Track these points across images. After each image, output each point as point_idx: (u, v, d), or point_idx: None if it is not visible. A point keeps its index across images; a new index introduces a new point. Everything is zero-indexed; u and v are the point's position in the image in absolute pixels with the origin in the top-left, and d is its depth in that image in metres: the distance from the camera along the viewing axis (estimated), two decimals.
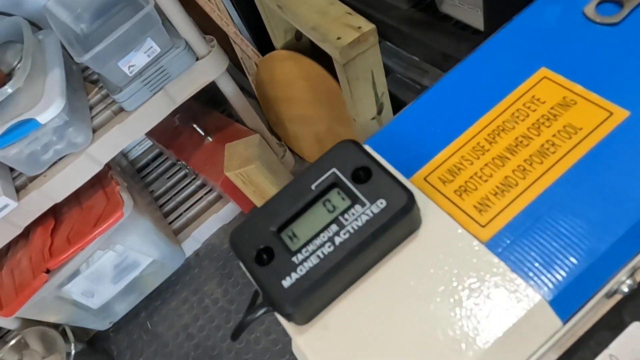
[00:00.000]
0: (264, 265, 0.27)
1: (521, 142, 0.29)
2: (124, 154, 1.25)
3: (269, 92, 1.04)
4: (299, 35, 0.94)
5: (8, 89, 0.70)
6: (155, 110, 0.83)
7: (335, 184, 0.28)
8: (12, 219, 0.79)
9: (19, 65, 0.78)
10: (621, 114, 0.27)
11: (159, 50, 0.78)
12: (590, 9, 0.31)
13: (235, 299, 1.01)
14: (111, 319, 1.02)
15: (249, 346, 0.94)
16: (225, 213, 1.09)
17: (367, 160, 0.28)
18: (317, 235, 0.27)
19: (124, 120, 0.81)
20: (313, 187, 0.28)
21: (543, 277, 0.25)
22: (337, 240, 0.27)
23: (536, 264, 0.25)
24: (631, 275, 0.27)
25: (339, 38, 0.66)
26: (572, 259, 0.25)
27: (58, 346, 0.90)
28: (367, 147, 0.33)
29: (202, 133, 1.04)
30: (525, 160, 0.28)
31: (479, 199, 0.28)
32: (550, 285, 0.24)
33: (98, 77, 0.85)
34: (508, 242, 0.26)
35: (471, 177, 0.29)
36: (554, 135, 0.28)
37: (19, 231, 0.81)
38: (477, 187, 0.29)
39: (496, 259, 0.26)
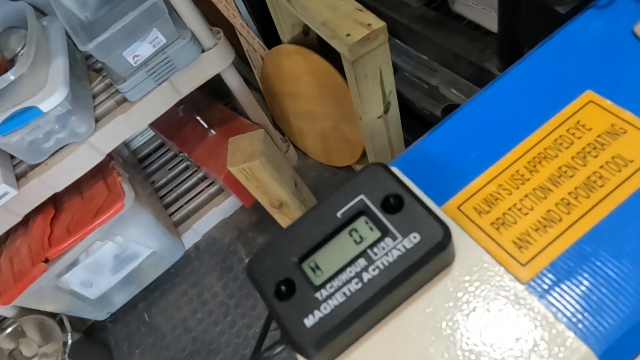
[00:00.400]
0: (283, 299, 0.26)
1: (565, 172, 0.27)
2: (125, 144, 1.24)
3: (275, 87, 1.03)
4: (306, 30, 0.93)
5: (10, 75, 0.69)
6: (159, 101, 0.82)
7: (363, 212, 0.26)
8: (12, 207, 0.78)
9: (22, 52, 0.76)
10: None
11: (164, 40, 0.76)
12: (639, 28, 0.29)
13: (235, 293, 1.00)
14: (109, 310, 1.02)
15: (247, 341, 0.94)
16: (226, 206, 1.08)
17: (399, 187, 0.26)
18: (343, 269, 0.25)
19: (127, 110, 0.80)
20: (339, 214, 0.27)
21: (591, 327, 0.23)
22: (366, 276, 0.25)
23: (582, 311, 0.23)
24: None
25: (348, 35, 0.65)
26: (624, 308, 0.23)
27: (55, 335, 0.90)
28: (395, 170, 0.30)
29: (206, 126, 1.03)
30: (570, 193, 0.26)
31: (518, 234, 0.26)
32: (599, 336, 0.22)
33: (102, 66, 0.83)
34: (551, 284, 0.24)
35: (510, 209, 0.27)
36: (601, 167, 0.26)
37: (18, 219, 0.80)
38: (517, 220, 0.27)
39: (538, 304, 0.24)
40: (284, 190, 0.86)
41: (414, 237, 0.25)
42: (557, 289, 0.24)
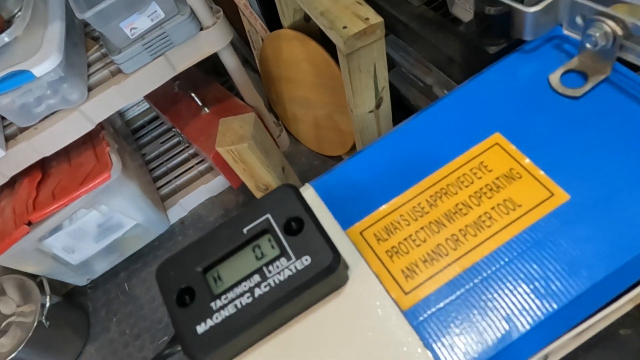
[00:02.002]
0: (184, 306, 0.27)
1: (460, 209, 0.28)
2: (120, 114, 1.24)
3: (272, 70, 1.03)
4: (307, 16, 0.92)
5: (5, 37, 0.68)
6: (153, 75, 0.82)
7: (267, 230, 0.28)
8: None
9: (19, 14, 0.76)
10: (562, 196, 0.27)
11: (163, 15, 0.76)
12: (555, 78, 0.30)
13: None
14: (89, 276, 1.03)
15: None
16: (214, 185, 1.09)
17: (302, 211, 0.27)
18: (239, 282, 0.26)
19: (121, 82, 0.80)
20: (245, 230, 0.28)
21: (455, 357, 0.24)
22: (257, 292, 0.26)
23: (450, 342, 0.24)
24: None
25: (345, 27, 0.65)
26: (489, 341, 0.24)
27: (34, 296, 0.91)
28: (311, 191, 0.31)
29: (200, 103, 1.03)
30: (460, 230, 0.27)
31: (408, 263, 0.27)
32: None
33: (99, 34, 0.83)
34: (428, 313, 0.25)
35: (405, 239, 0.28)
36: (492, 208, 0.28)
37: (4, 180, 0.81)
38: (409, 250, 0.28)
39: (411, 331, 0.25)
40: (270, 174, 0.86)
41: (306, 260, 0.26)
42: (431, 319, 0.25)
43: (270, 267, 0.26)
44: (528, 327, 0.24)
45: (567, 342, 0.25)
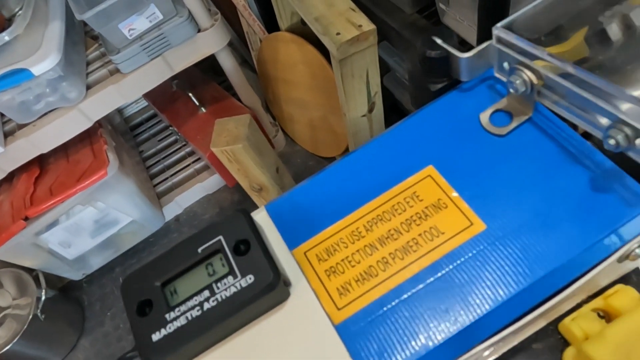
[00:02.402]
0: (143, 315, 0.29)
1: (392, 235, 0.31)
2: (118, 111, 1.25)
3: (270, 72, 1.04)
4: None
5: (5, 36, 0.70)
6: (151, 75, 0.83)
7: (219, 250, 0.30)
8: None
9: (20, 12, 0.77)
10: (479, 226, 0.29)
11: (161, 17, 0.77)
12: (485, 116, 0.32)
13: None
14: (85, 271, 1.05)
15: None
16: (210, 184, 1.10)
17: (250, 234, 0.30)
18: (191, 297, 0.29)
19: (119, 81, 0.81)
20: (200, 250, 0.31)
21: None
22: (206, 306, 0.29)
23: (373, 353, 0.27)
24: None
25: (338, 34, 0.67)
26: (407, 352, 0.27)
27: (29, 290, 0.93)
28: (264, 213, 0.34)
29: (197, 103, 1.05)
30: (390, 254, 0.30)
31: (343, 282, 0.30)
32: None
33: (98, 34, 0.84)
34: (356, 328, 0.28)
35: (342, 260, 0.31)
36: (419, 235, 0.30)
37: (2, 175, 0.82)
38: (345, 270, 0.30)
39: (340, 343, 0.28)
40: (264, 175, 0.88)
41: (250, 278, 0.29)
42: (360, 333, 0.28)
43: (219, 284, 0.29)
44: (442, 339, 0.26)
45: (481, 352, 0.28)
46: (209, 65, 1.17)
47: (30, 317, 0.88)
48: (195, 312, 0.29)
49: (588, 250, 0.28)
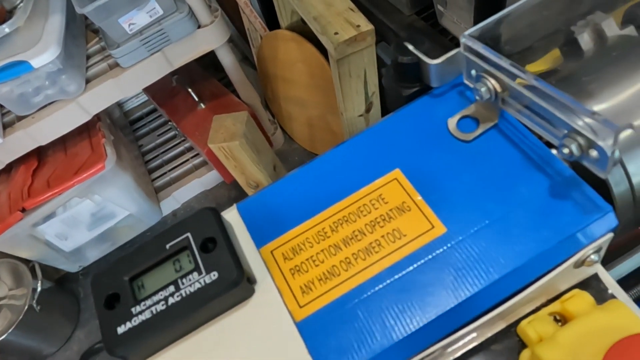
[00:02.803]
0: (110, 309, 0.30)
1: (356, 236, 0.31)
2: (119, 105, 1.26)
3: (269, 69, 1.04)
4: None
5: (6, 28, 0.70)
6: (150, 70, 0.84)
7: (186, 247, 0.31)
8: None
9: (21, 5, 0.78)
10: (440, 229, 0.30)
11: (161, 12, 0.78)
12: (452, 122, 0.33)
13: None
14: (81, 263, 1.05)
15: None
16: (208, 179, 1.11)
17: (217, 232, 0.31)
18: (157, 291, 0.29)
19: (118, 75, 0.82)
20: (168, 246, 0.31)
21: None
22: (170, 301, 0.29)
23: (331, 349, 0.28)
24: None
25: (336, 33, 0.67)
26: (364, 349, 0.27)
27: (26, 281, 0.93)
28: (234, 212, 0.35)
29: (196, 99, 1.05)
30: (353, 254, 0.31)
31: (306, 281, 0.31)
32: None
33: (99, 28, 0.85)
34: (316, 325, 0.29)
35: (307, 259, 0.32)
36: (382, 236, 0.31)
37: (0, 167, 0.83)
38: (309, 269, 0.31)
39: (300, 340, 0.29)
40: (261, 172, 0.88)
41: (214, 275, 0.29)
42: (318, 329, 0.29)
43: (184, 280, 0.29)
44: (399, 338, 0.27)
45: (441, 351, 0.29)
46: (210, 61, 1.17)
47: (26, 307, 0.89)
48: (160, 307, 0.30)
49: (543, 255, 0.28)
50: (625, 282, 0.37)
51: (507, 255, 0.29)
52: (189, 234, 0.31)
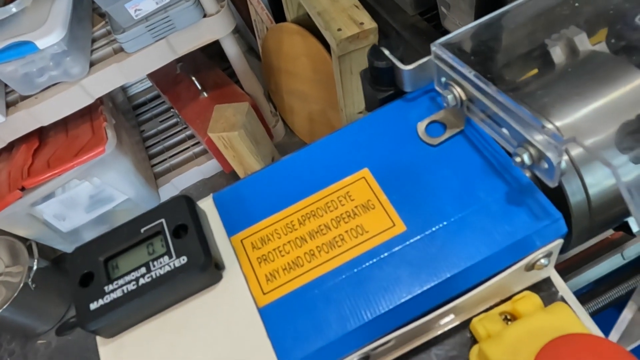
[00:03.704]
0: (84, 286, 0.31)
1: (322, 230, 0.33)
2: (123, 89, 1.26)
3: (273, 61, 1.05)
4: None
5: (12, 8, 0.71)
6: (154, 56, 0.84)
7: (160, 232, 0.32)
8: None
9: None
10: (400, 227, 0.32)
11: None
12: (421, 126, 0.35)
13: None
14: (78, 244, 1.06)
15: None
16: (207, 168, 1.11)
17: (189, 219, 0.32)
18: (129, 272, 0.31)
19: (122, 60, 0.82)
20: (142, 230, 0.33)
21: (288, 348, 0.29)
22: (141, 281, 0.31)
23: (289, 335, 0.30)
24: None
25: (339, 30, 0.67)
26: (320, 336, 0.30)
27: (22, 259, 0.94)
28: (210, 201, 0.37)
29: (199, 87, 1.05)
30: (317, 247, 0.32)
31: (271, 269, 0.32)
32: (289, 356, 0.29)
33: (105, 12, 0.85)
34: (277, 311, 0.31)
35: (274, 250, 0.33)
36: (346, 232, 0.33)
37: (2, 145, 0.84)
38: (275, 259, 0.33)
39: (261, 324, 0.31)
40: (259, 164, 0.89)
41: (183, 259, 0.31)
42: (278, 315, 0.31)
43: (155, 263, 0.31)
44: (354, 327, 0.29)
45: (395, 341, 0.31)
46: (215, 51, 1.17)
47: (21, 285, 0.90)
48: (131, 287, 0.31)
49: (494, 257, 0.30)
50: (597, 288, 0.38)
51: (460, 255, 0.30)
52: (163, 220, 0.33)
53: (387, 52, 0.35)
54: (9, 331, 1.02)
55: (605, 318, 0.36)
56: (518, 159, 0.28)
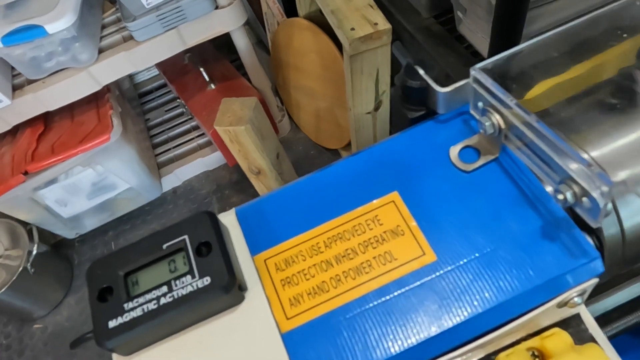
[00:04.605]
0: (103, 301, 0.31)
1: (349, 254, 0.32)
2: (129, 76, 1.25)
3: (282, 56, 1.04)
4: None
5: None
6: (163, 46, 0.84)
7: (182, 249, 0.32)
8: (3, 114, 0.81)
9: None
10: (431, 257, 0.31)
11: None
12: (454, 151, 0.34)
13: None
14: (79, 231, 1.06)
15: None
16: (211, 160, 1.11)
17: (213, 237, 0.31)
18: (150, 290, 0.30)
19: (131, 48, 0.82)
20: (165, 246, 0.32)
21: None
22: (162, 301, 0.30)
23: None
24: None
25: (352, 29, 0.67)
26: None
27: (22, 242, 0.94)
28: (232, 216, 0.35)
29: (207, 79, 1.05)
30: (343, 272, 0.31)
31: (295, 293, 0.31)
32: None
33: None
34: (300, 338, 0.30)
35: (299, 272, 0.32)
36: (374, 258, 0.31)
37: (7, 127, 0.83)
38: (299, 282, 0.32)
39: (283, 350, 0.29)
40: (264, 159, 0.88)
41: (206, 280, 0.30)
42: (302, 344, 0.30)
43: (177, 282, 0.30)
44: (379, 359, 0.28)
45: None
46: (224, 42, 1.17)
47: (20, 269, 0.90)
48: (152, 306, 0.30)
49: (527, 294, 0.29)
50: (609, 315, 0.38)
51: (491, 291, 0.29)
52: (186, 237, 0.32)
53: (421, 72, 0.34)
54: (5, 314, 1.02)
55: (619, 344, 0.35)
56: (560, 197, 0.27)
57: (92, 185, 0.95)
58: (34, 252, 0.93)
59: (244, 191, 1.08)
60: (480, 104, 0.32)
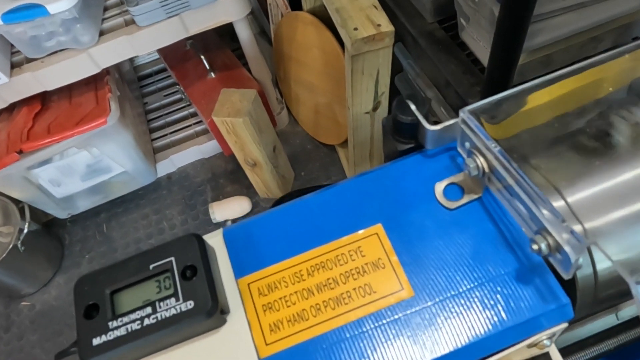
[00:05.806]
0: (89, 318, 0.31)
1: (330, 284, 0.33)
2: (130, 59, 1.25)
3: (284, 49, 1.04)
4: None
5: None
6: (165, 33, 0.83)
7: (168, 270, 0.32)
8: (0, 92, 0.81)
9: None
10: (408, 292, 0.32)
11: None
12: (439, 187, 0.35)
13: (191, 230, 1.05)
14: (71, 211, 1.06)
15: None
16: (207, 148, 1.11)
17: (199, 260, 0.32)
18: (135, 310, 0.31)
19: (132, 33, 0.81)
20: (151, 267, 0.32)
21: None
22: (146, 322, 0.31)
23: None
24: None
25: (355, 29, 0.67)
26: None
27: (13, 220, 0.94)
28: (219, 237, 0.36)
29: (208, 67, 1.04)
30: (323, 301, 0.32)
31: (276, 319, 0.32)
32: None
33: None
34: None
35: (280, 299, 0.33)
36: (354, 289, 0.32)
37: (3, 105, 0.83)
38: (280, 309, 0.32)
39: None
40: (260, 152, 0.89)
41: (190, 304, 0.31)
42: None
43: (162, 303, 0.31)
44: None
45: None
46: (227, 30, 1.16)
47: (10, 246, 0.90)
48: (136, 326, 0.31)
49: (498, 335, 0.30)
50: (585, 342, 0.39)
51: (465, 330, 0.30)
52: (172, 259, 0.33)
53: (413, 107, 0.35)
54: None
55: None
56: (535, 247, 0.28)
57: (87, 167, 0.95)
58: (25, 230, 0.93)
59: (239, 181, 1.08)
60: (467, 144, 0.33)
